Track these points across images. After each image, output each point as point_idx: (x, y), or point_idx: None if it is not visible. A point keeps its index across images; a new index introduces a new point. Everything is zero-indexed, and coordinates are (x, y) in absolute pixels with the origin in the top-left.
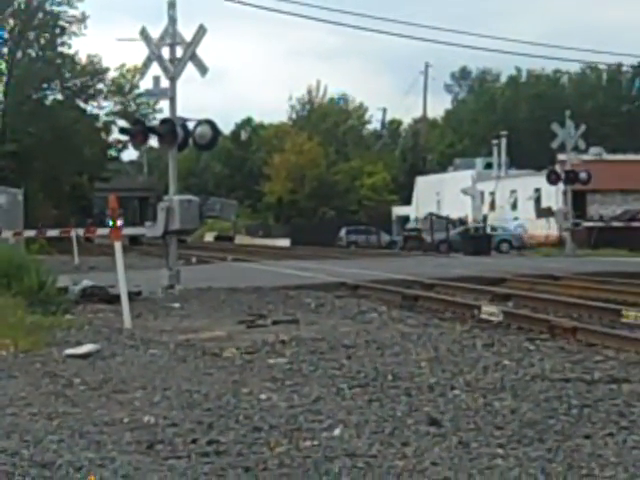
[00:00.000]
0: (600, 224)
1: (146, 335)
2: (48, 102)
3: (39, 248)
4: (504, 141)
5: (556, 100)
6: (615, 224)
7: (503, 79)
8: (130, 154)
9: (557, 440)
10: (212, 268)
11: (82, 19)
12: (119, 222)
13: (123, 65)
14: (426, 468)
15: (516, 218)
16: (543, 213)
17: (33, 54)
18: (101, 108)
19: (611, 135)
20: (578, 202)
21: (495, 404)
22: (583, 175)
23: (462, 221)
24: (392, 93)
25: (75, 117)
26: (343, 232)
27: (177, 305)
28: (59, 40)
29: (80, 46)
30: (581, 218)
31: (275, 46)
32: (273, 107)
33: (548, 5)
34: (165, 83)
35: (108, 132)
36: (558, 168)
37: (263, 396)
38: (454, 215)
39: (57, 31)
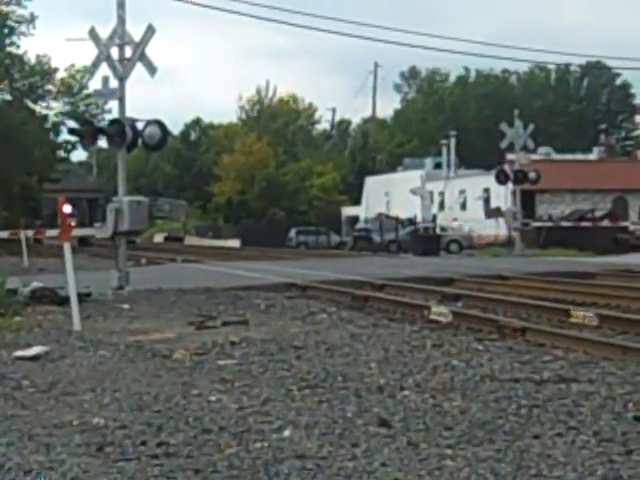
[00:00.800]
0: (549, 224)
1: (95, 337)
2: None
3: None
4: (453, 141)
5: (505, 100)
6: (564, 224)
7: (452, 79)
8: (79, 155)
9: (506, 440)
10: (162, 269)
11: (31, 19)
12: (73, 223)
13: (72, 65)
14: (376, 469)
15: (455, 219)
16: (492, 213)
17: None
18: (50, 109)
19: (560, 135)
20: (527, 202)
21: (444, 405)
22: (532, 175)
23: (411, 221)
24: (342, 93)
25: (24, 118)
26: (293, 233)
27: (127, 306)
28: (8, 40)
29: (29, 46)
30: (530, 218)
31: (225, 46)
32: (223, 107)
33: (497, 6)
34: (114, 83)
35: (57, 133)
36: (507, 168)
37: (213, 398)
38: (403, 215)
39: (5, 31)
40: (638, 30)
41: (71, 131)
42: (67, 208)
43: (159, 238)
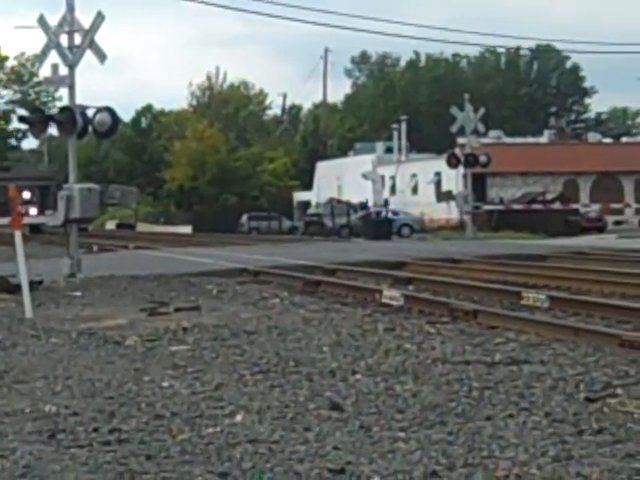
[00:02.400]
0: (500, 207)
1: (47, 324)
2: None
3: None
4: (404, 125)
5: (455, 84)
6: (515, 207)
7: (403, 63)
8: (30, 143)
9: (458, 423)
10: (114, 256)
11: None
12: (33, 211)
13: (22, 53)
14: (328, 452)
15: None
16: (443, 197)
17: None
18: (0, 97)
19: (510, 118)
20: (478, 185)
21: (396, 388)
22: (483, 158)
23: (363, 205)
24: (292, 79)
25: None
26: (244, 218)
27: (79, 294)
28: None
29: None
30: (481, 201)
31: (176, 33)
32: (173, 94)
33: None
34: (64, 71)
35: (8, 121)
36: (458, 151)
37: (165, 383)
38: (355, 200)
39: None
40: (587, 13)
41: (21, 119)
42: (26, 194)
43: (111, 225)
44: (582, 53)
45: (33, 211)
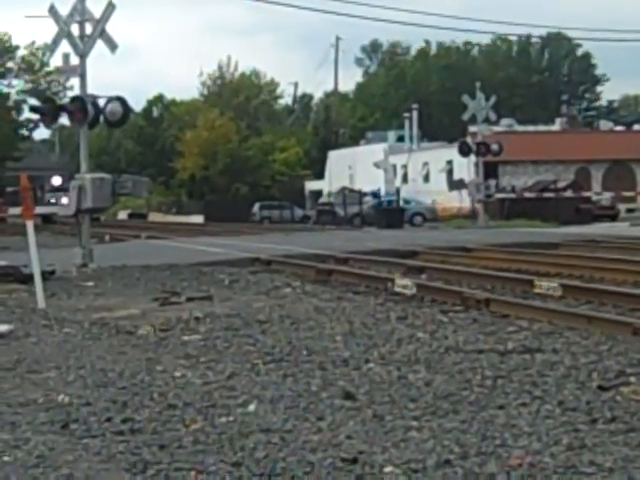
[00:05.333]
0: (512, 195)
1: (60, 314)
2: None
3: None
4: (415, 114)
5: (466, 72)
6: (527, 195)
7: (413, 52)
8: (42, 133)
9: (471, 411)
10: (126, 246)
11: None
12: (64, 200)
13: (33, 43)
14: (341, 442)
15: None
16: (455, 185)
17: None
18: (11, 87)
19: (522, 106)
20: (490, 174)
21: (409, 376)
22: (494, 147)
23: (375, 194)
24: (304, 68)
25: None
26: (256, 207)
27: (91, 284)
28: None
29: None
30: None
31: (187, 22)
32: (185, 84)
33: None
34: (75, 60)
35: (19, 111)
36: (469, 140)
37: (177, 373)
38: (367, 189)
39: None
40: (597, 1)
41: (33, 109)
42: (57, 180)
43: (123, 215)
44: (593, 41)
45: (65, 200)
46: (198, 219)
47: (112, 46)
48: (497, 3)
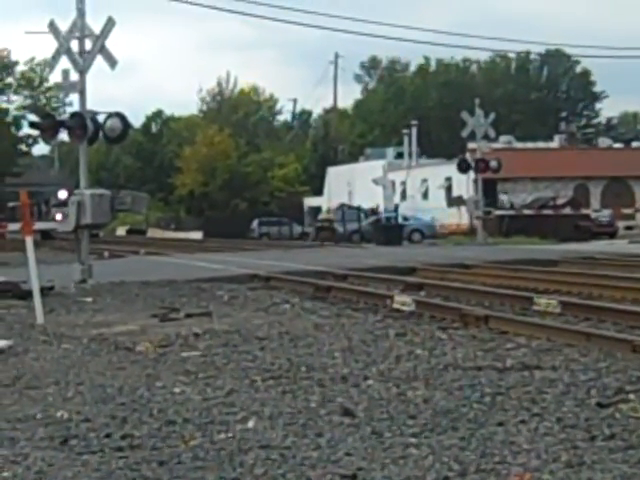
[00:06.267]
0: (511, 212)
1: (59, 330)
2: None
3: None
4: (414, 130)
5: (465, 88)
6: (526, 212)
7: (412, 68)
8: (41, 149)
9: (470, 428)
10: (125, 262)
11: None
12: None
13: (32, 59)
14: (340, 458)
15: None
16: (454, 202)
17: None
18: (11, 102)
19: (521, 123)
20: (489, 190)
21: (408, 393)
22: (493, 163)
23: (374, 211)
24: (303, 84)
25: None
26: (255, 224)
27: (90, 299)
28: None
29: None
30: (492, 206)
31: (186, 38)
32: (184, 99)
33: None
34: (75, 76)
35: (18, 127)
36: (468, 157)
37: (177, 389)
38: (366, 205)
39: None
40: (596, 18)
41: (32, 124)
42: (62, 194)
43: (121, 231)
44: (592, 57)
45: (59, 216)
46: (197, 235)
47: (112, 62)
48: (495, 19)
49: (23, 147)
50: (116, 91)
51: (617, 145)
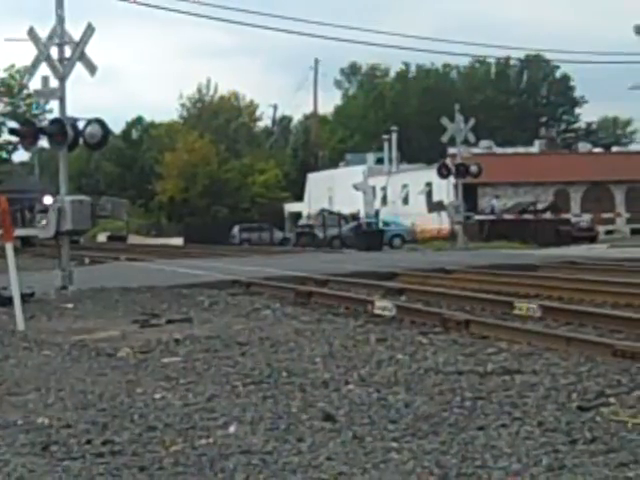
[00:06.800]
0: (491, 217)
1: (39, 336)
2: None
3: None
4: (394, 136)
5: (445, 94)
6: (507, 217)
7: (392, 74)
8: (21, 155)
9: (451, 432)
10: (105, 268)
11: None
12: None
13: (12, 66)
14: (321, 463)
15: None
16: (434, 207)
17: None
18: None
19: (501, 128)
20: (469, 195)
21: (389, 398)
22: (474, 168)
23: (355, 217)
24: (283, 90)
25: None
26: (236, 230)
27: (70, 306)
28: None
29: None
30: (472, 211)
31: (166, 45)
32: (164, 106)
33: (436, 0)
34: (54, 83)
35: None
36: (449, 162)
37: (157, 395)
38: (346, 211)
39: None
40: (575, 23)
41: (12, 131)
42: (48, 200)
43: (102, 237)
44: (571, 63)
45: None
46: (178, 241)
47: (91, 69)
48: (475, 24)
49: (3, 154)
50: (96, 98)
51: (597, 150)
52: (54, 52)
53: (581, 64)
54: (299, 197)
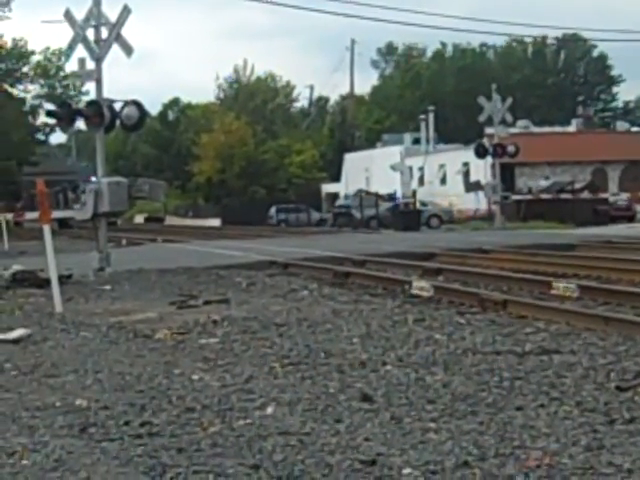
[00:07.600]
0: (529, 197)
1: (77, 318)
2: None
3: None
4: (431, 116)
5: (482, 74)
6: (544, 196)
7: (429, 54)
8: (58, 137)
9: (489, 413)
10: (142, 250)
11: (6, 2)
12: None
13: (48, 48)
14: (359, 444)
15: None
16: (472, 187)
17: None
18: (27, 92)
19: (538, 107)
20: (507, 175)
21: (427, 378)
22: (511, 148)
23: (392, 197)
24: (319, 71)
25: (1, 102)
26: (273, 211)
27: (108, 287)
28: None
29: (5, 30)
30: (510, 191)
31: (203, 26)
32: (201, 87)
33: None
34: (91, 65)
35: (35, 116)
36: (486, 142)
37: (195, 377)
38: (383, 191)
39: None
40: (613, 1)
41: (49, 113)
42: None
43: (139, 219)
44: (609, 41)
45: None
46: (215, 222)
47: (128, 50)
48: (512, 4)
49: (40, 136)
50: (133, 79)
51: (634, 129)
52: (90, 34)
53: (618, 43)
54: (336, 178)
